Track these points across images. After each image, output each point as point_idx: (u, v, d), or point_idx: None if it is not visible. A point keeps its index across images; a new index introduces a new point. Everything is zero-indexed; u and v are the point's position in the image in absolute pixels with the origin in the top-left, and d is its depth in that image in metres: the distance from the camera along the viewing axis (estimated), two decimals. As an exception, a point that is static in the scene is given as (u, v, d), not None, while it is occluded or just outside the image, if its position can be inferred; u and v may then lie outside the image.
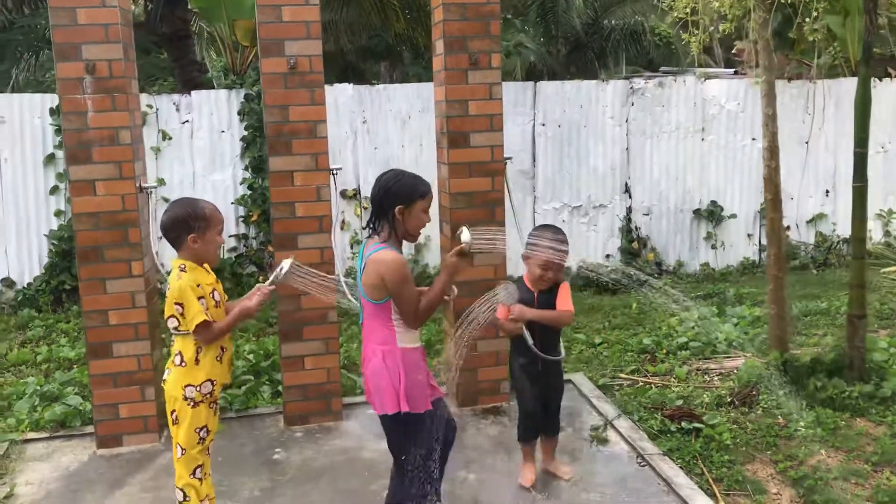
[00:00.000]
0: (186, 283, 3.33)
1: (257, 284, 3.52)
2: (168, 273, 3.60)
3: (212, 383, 3.43)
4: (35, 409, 5.27)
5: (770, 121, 5.35)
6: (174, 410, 3.43)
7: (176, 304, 3.33)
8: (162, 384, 3.50)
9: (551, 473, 4.24)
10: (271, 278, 3.50)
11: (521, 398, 4.25)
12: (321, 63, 4.70)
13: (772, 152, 5.38)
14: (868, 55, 5.08)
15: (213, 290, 3.46)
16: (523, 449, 4.27)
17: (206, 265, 3.49)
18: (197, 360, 3.39)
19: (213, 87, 9.80)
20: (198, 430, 3.44)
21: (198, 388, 3.39)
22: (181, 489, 3.47)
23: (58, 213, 8.28)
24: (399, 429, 3.33)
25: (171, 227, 3.40)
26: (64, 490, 4.21)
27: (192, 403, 3.40)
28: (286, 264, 3.48)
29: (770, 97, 5.33)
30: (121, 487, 4.22)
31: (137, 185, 4.55)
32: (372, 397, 3.35)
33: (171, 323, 3.38)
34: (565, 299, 4.08)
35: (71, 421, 5.00)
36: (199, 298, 3.34)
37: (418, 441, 3.32)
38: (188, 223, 3.38)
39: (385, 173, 3.40)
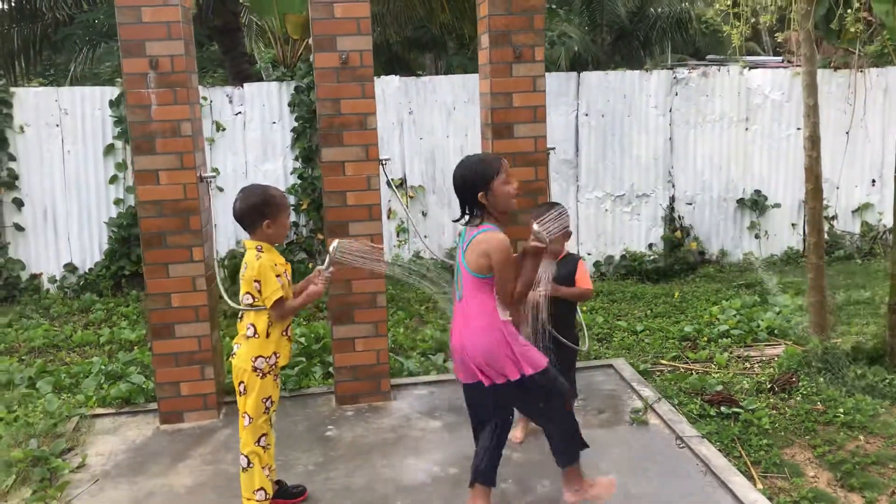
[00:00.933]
0: (266, 262, 3.60)
1: (317, 268, 3.74)
2: (228, 257, 3.82)
3: (276, 356, 3.69)
4: (101, 386, 5.57)
5: (811, 111, 5.41)
6: (242, 381, 3.67)
7: (255, 280, 3.58)
8: (230, 358, 3.76)
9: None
10: (327, 261, 3.71)
11: None
12: (371, 58, 4.89)
13: (813, 142, 5.43)
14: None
15: (285, 270, 3.72)
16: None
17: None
18: (268, 334, 3.65)
19: (261, 79, 10.07)
20: (264, 400, 3.69)
21: (267, 360, 3.65)
22: (246, 456, 3.71)
23: (117, 202, 8.62)
24: (530, 392, 3.59)
25: (247, 213, 3.65)
26: (131, 461, 4.48)
27: (260, 374, 3.65)
28: (335, 244, 3.69)
29: (811, 88, 5.38)
30: (183, 460, 4.48)
31: (198, 174, 4.79)
32: (484, 372, 3.52)
33: (247, 299, 3.62)
34: (584, 278, 4.40)
35: (135, 398, 5.29)
36: (276, 277, 3.59)
37: (553, 393, 3.62)
38: (262, 210, 3.63)
39: (457, 167, 3.57)
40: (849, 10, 6.64)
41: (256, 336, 3.66)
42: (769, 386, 5.30)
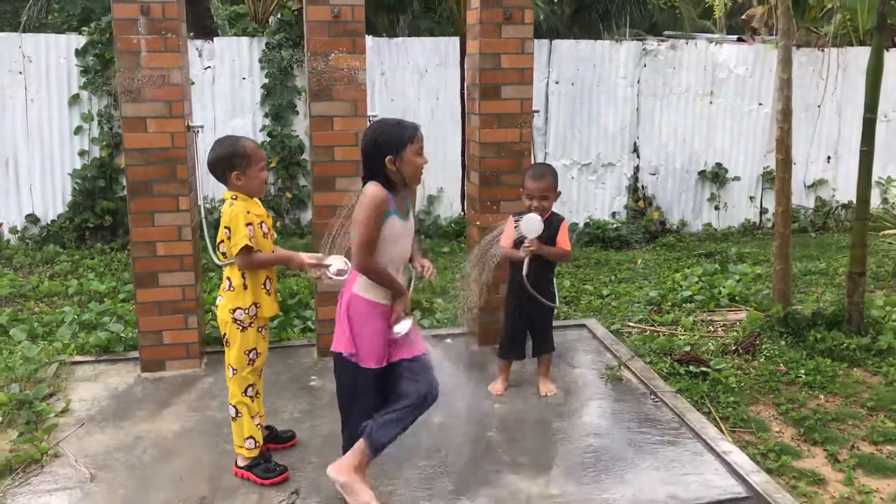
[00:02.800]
0: (238, 210, 3.57)
1: (318, 256, 3.70)
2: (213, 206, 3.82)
3: (256, 306, 3.66)
4: (76, 335, 5.54)
5: (785, 85, 5.59)
6: (225, 333, 3.70)
7: (225, 227, 3.58)
8: (214, 309, 3.77)
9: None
10: (327, 262, 3.62)
11: (505, 318, 4.77)
12: (363, 13, 4.90)
13: (785, 115, 5.62)
14: (882, 23, 5.32)
15: (262, 221, 3.70)
16: (499, 364, 4.79)
17: (255, 198, 3.74)
18: (244, 286, 3.64)
19: (219, 35, 9.91)
20: (247, 353, 3.69)
21: (245, 311, 3.64)
22: (234, 406, 3.75)
23: (82, 153, 8.48)
24: (338, 371, 3.42)
25: (216, 164, 3.63)
26: (115, 407, 4.49)
27: (240, 327, 3.65)
28: (335, 265, 3.56)
29: (787, 62, 5.56)
30: (168, 406, 4.51)
31: (186, 123, 4.77)
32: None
33: (222, 248, 3.63)
34: (564, 238, 4.52)
35: (114, 346, 5.28)
36: (248, 225, 3.57)
37: (348, 388, 3.40)
38: (231, 161, 3.59)
39: (369, 126, 3.36)
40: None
41: (232, 289, 3.65)
42: (734, 348, 5.53)
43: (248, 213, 3.60)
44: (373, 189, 3.23)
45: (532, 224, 4.33)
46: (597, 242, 9.30)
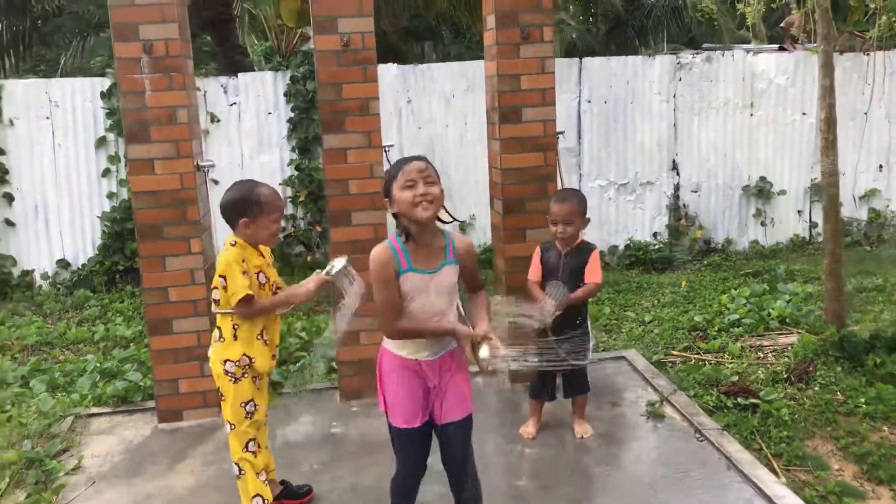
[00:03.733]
0: (233, 257, 3.36)
1: (316, 271, 3.49)
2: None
3: (249, 359, 3.44)
4: (96, 385, 5.39)
5: (827, 92, 5.25)
6: (219, 387, 3.49)
7: (220, 276, 3.37)
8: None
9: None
10: (326, 269, 3.41)
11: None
12: (374, 40, 4.71)
13: (828, 124, 5.27)
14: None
15: (260, 271, 3.46)
16: (530, 404, 4.49)
17: (261, 247, 3.52)
18: (235, 336, 3.44)
19: (255, 71, 9.86)
20: (243, 405, 3.47)
21: (236, 363, 3.43)
22: (236, 463, 3.52)
23: (110, 195, 8.44)
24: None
25: (226, 208, 3.44)
26: (129, 462, 4.31)
27: (233, 378, 3.44)
28: (339, 263, 3.37)
29: (828, 68, 5.22)
30: (183, 460, 4.31)
31: (195, 163, 4.61)
32: None
33: (214, 295, 3.42)
34: (593, 269, 4.17)
35: (132, 396, 5.11)
36: (243, 273, 3.35)
37: (394, 445, 3.16)
38: (241, 207, 3.39)
39: None
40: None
41: (222, 339, 3.45)
42: (786, 376, 5.15)
43: (242, 261, 3.38)
44: (374, 252, 3.00)
45: (560, 291, 4.04)
46: (638, 265, 8.95)
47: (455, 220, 3.30)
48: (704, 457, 4.06)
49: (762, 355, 5.71)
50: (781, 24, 11.16)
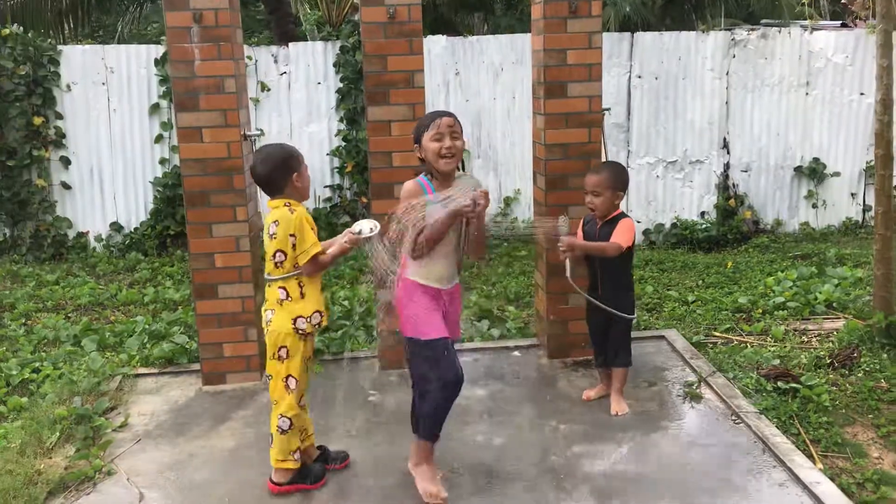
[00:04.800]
0: (303, 215, 3.49)
1: (348, 229, 3.61)
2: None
3: (320, 314, 3.59)
4: (144, 346, 5.56)
5: (885, 73, 5.10)
6: (284, 346, 3.55)
7: (291, 235, 3.44)
8: (265, 326, 3.62)
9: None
10: (356, 228, 3.55)
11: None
12: (420, 12, 4.70)
13: (885, 106, 5.13)
14: None
15: (313, 228, 3.59)
16: (598, 372, 4.65)
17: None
18: (302, 294, 3.54)
19: (307, 41, 9.92)
20: (306, 361, 3.63)
21: (308, 320, 3.54)
22: (289, 418, 3.59)
23: (162, 161, 8.61)
24: (411, 353, 3.56)
25: (276, 171, 3.51)
26: (173, 422, 4.44)
27: (302, 336, 3.55)
28: (366, 226, 3.53)
29: (886, 47, 5.07)
30: (225, 422, 4.43)
31: (242, 132, 4.68)
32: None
33: (279, 257, 3.48)
34: (620, 232, 4.25)
35: (178, 358, 5.25)
36: (312, 230, 3.50)
37: (426, 365, 3.49)
38: (290, 163, 3.52)
39: None
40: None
41: (290, 299, 3.54)
42: (829, 361, 5.07)
43: (308, 218, 3.53)
44: (406, 184, 3.52)
45: (562, 224, 4.19)
46: (684, 244, 8.85)
47: (464, 173, 3.73)
48: (740, 439, 4.04)
49: (806, 339, 5.63)
50: (843, 1, 10.83)
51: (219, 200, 4.70)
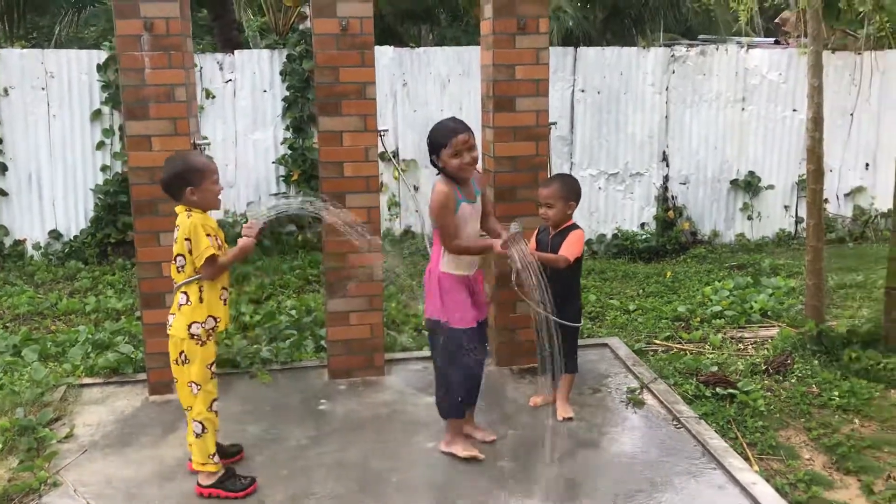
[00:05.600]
0: (198, 220, 3.57)
1: (244, 224, 3.75)
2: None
3: (214, 319, 3.67)
4: (88, 355, 5.48)
5: (815, 92, 5.35)
6: (182, 351, 3.66)
7: (186, 239, 3.55)
8: (168, 331, 3.72)
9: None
10: (253, 214, 3.72)
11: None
12: (372, 25, 4.77)
13: (816, 123, 5.38)
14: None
15: (216, 234, 3.68)
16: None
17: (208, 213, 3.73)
18: (201, 300, 3.63)
19: (250, 48, 9.88)
20: (209, 366, 3.70)
21: (202, 325, 3.63)
22: (200, 422, 3.71)
23: (104, 168, 8.47)
24: (435, 335, 3.97)
25: (170, 182, 3.62)
26: (120, 432, 4.39)
27: (199, 341, 3.64)
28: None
29: (817, 68, 5.32)
30: (173, 431, 4.40)
31: (192, 141, 4.67)
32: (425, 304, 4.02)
33: (180, 261, 3.59)
34: (568, 245, 4.35)
35: (123, 368, 5.19)
36: (207, 236, 3.57)
37: (444, 349, 3.91)
38: (184, 176, 3.59)
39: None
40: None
41: (189, 303, 3.63)
42: (764, 368, 5.28)
43: (204, 225, 3.59)
44: (438, 187, 3.79)
45: (516, 226, 4.18)
46: (625, 254, 9.06)
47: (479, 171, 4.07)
48: (681, 443, 4.18)
49: (742, 347, 5.84)
50: (776, 20, 11.25)
51: (167, 210, 4.63)
